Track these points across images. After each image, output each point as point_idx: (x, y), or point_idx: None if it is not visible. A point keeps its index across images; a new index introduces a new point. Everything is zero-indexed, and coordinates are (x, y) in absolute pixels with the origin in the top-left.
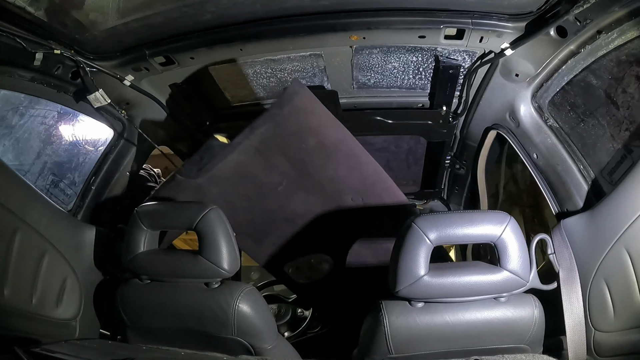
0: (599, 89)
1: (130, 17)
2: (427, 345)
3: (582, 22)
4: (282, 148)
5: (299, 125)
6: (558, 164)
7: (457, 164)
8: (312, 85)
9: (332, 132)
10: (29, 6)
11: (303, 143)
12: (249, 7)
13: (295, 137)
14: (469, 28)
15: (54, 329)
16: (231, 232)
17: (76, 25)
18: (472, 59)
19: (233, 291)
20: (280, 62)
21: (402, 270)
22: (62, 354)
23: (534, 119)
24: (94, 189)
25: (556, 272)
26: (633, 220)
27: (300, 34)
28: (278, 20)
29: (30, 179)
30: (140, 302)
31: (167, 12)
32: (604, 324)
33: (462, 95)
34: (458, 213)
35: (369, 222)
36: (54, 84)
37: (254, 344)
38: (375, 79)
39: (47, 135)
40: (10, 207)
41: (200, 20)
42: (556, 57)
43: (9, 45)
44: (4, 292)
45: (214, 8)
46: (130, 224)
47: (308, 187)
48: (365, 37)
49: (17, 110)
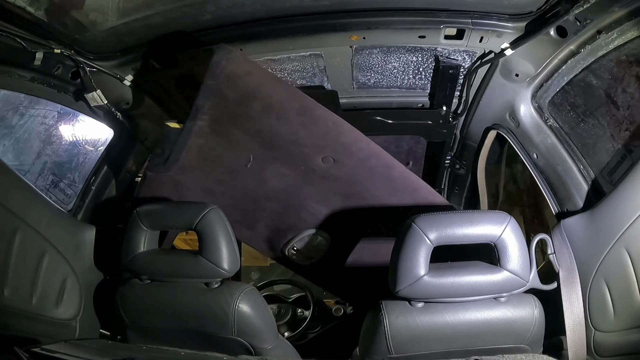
0: (599, 89)
1: (130, 17)
2: (427, 345)
3: (582, 22)
4: (233, 121)
5: (238, 91)
6: (558, 164)
7: (457, 164)
8: (312, 85)
9: (274, 90)
10: (29, 6)
11: (250, 110)
12: (249, 7)
13: (240, 106)
14: (469, 28)
15: (54, 329)
16: (231, 232)
17: (76, 25)
18: (472, 59)
19: (233, 291)
20: (280, 62)
21: (402, 270)
22: (62, 354)
23: (534, 119)
24: (94, 189)
25: (556, 272)
26: (633, 220)
27: (300, 34)
28: (278, 20)
29: (30, 179)
30: (140, 302)
31: (167, 12)
32: (604, 324)
33: (462, 95)
34: (458, 213)
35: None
36: (54, 84)
37: (254, 344)
38: (375, 79)
39: (47, 135)
40: (10, 207)
41: (200, 20)
42: (556, 57)
43: (9, 45)
44: (4, 292)
45: (214, 8)
46: (130, 224)
47: (275, 157)
48: (365, 37)
49: (17, 110)
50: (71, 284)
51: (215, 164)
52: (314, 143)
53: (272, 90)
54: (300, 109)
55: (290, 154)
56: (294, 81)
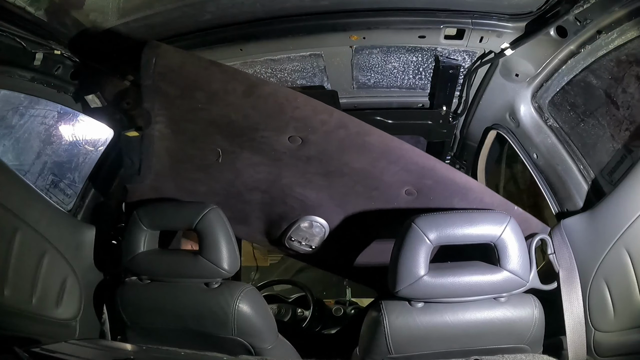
0: (599, 89)
1: (130, 17)
2: (427, 345)
3: (582, 22)
4: (185, 117)
5: (177, 85)
6: (558, 164)
7: (457, 164)
8: (312, 85)
9: (212, 76)
10: (29, 6)
11: (196, 102)
12: (249, 7)
13: (185, 100)
14: (469, 28)
15: (54, 329)
16: (231, 232)
17: (76, 25)
18: (472, 59)
19: (233, 291)
20: (280, 62)
21: (402, 270)
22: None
23: (534, 119)
24: (94, 189)
25: (556, 272)
26: (633, 220)
27: (300, 34)
28: (278, 20)
29: (30, 179)
30: (140, 302)
31: (167, 12)
32: (604, 324)
33: (462, 95)
34: (458, 213)
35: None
36: (54, 84)
37: (254, 344)
38: (375, 79)
39: (47, 135)
40: (10, 207)
41: (200, 20)
42: (556, 57)
43: (9, 45)
44: (4, 292)
45: (214, 8)
46: (130, 224)
47: (241, 146)
48: (365, 37)
49: (17, 110)
50: (71, 284)
51: (187, 164)
52: (272, 124)
53: (210, 77)
54: (245, 90)
55: (254, 140)
56: (294, 81)
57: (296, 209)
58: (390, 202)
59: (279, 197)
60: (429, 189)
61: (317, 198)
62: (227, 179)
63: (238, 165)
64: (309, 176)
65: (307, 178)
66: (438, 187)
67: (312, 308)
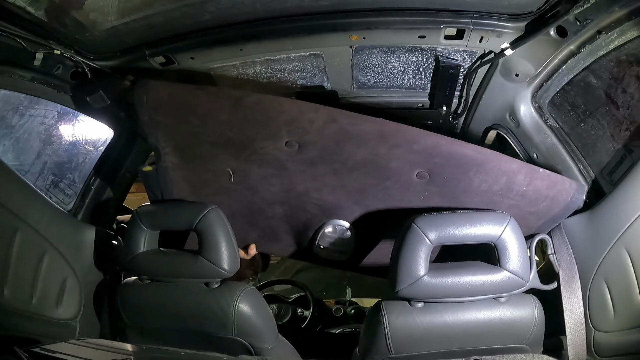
0: (599, 89)
1: (130, 17)
2: (427, 345)
3: (582, 22)
4: (188, 143)
5: (172, 115)
6: (558, 164)
7: None
8: (312, 85)
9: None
10: (29, 6)
11: (193, 127)
12: (249, 7)
13: (182, 126)
14: (469, 28)
15: (54, 329)
16: (231, 232)
17: (76, 25)
18: (472, 59)
19: (233, 291)
20: (280, 62)
21: (401, 270)
22: (62, 354)
23: (534, 119)
24: (94, 189)
25: (556, 272)
26: (633, 220)
27: (300, 34)
28: (278, 20)
29: (30, 179)
30: (140, 302)
31: (167, 12)
32: (604, 324)
33: (462, 95)
34: (458, 213)
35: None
36: (54, 84)
37: (254, 344)
38: (375, 79)
39: (47, 135)
40: (10, 207)
41: (200, 20)
42: (556, 57)
43: (9, 45)
44: (4, 292)
45: (214, 8)
46: (130, 224)
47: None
48: (365, 37)
49: (17, 110)
50: (71, 284)
51: (205, 188)
52: (266, 133)
53: (198, 99)
54: (232, 104)
55: (255, 152)
56: (294, 81)
57: (317, 214)
58: (406, 189)
59: (299, 206)
60: (440, 168)
61: (335, 199)
62: (245, 198)
63: (251, 181)
64: (320, 178)
65: (319, 181)
66: (449, 163)
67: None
